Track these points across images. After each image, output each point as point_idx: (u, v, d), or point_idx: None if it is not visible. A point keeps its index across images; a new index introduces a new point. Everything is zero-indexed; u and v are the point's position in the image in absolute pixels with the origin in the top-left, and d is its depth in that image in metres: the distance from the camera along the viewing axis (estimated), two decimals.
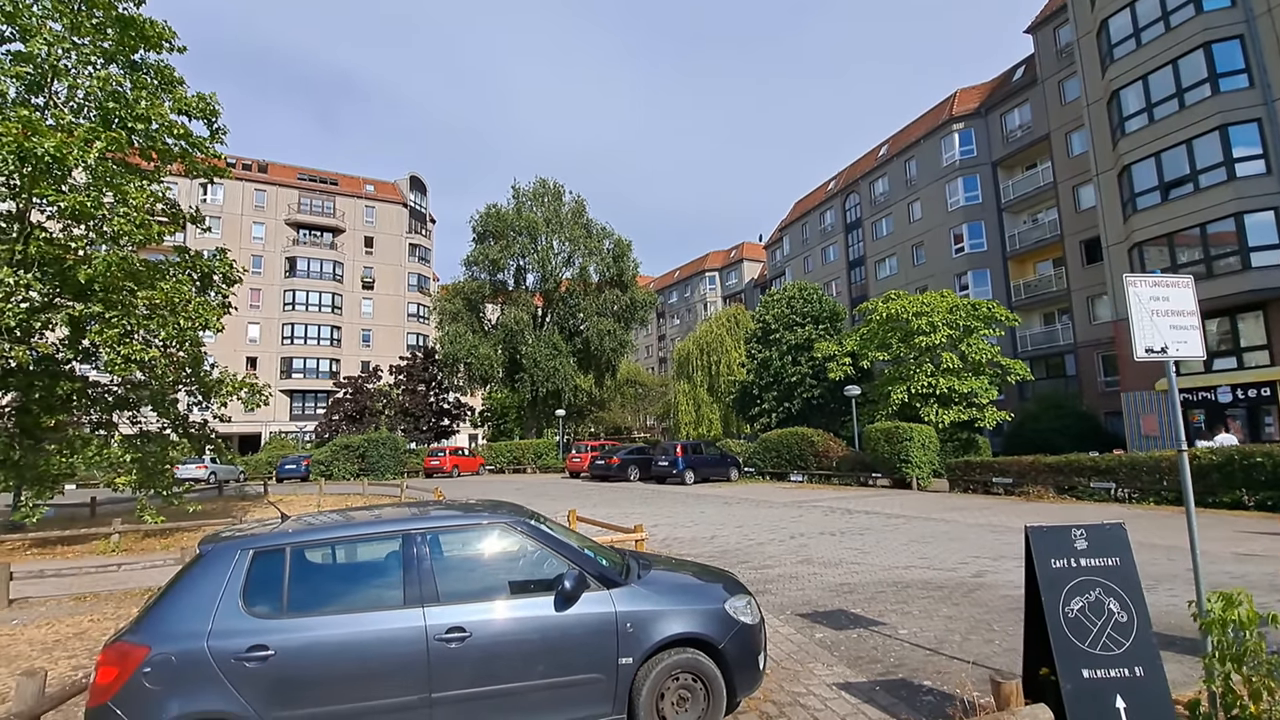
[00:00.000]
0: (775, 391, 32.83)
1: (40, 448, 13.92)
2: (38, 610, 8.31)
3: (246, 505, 20.71)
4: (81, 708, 4.74)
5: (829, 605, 7.18)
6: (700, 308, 70.39)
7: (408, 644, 3.52)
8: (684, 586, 4.40)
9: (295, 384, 54.39)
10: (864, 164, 45.96)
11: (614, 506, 17.28)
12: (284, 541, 3.69)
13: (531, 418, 45.02)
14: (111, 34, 13.91)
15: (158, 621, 3.36)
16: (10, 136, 11.55)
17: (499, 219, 42.18)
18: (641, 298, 45.19)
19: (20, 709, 3.94)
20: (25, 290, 12.11)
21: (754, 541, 11.70)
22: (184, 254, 15.95)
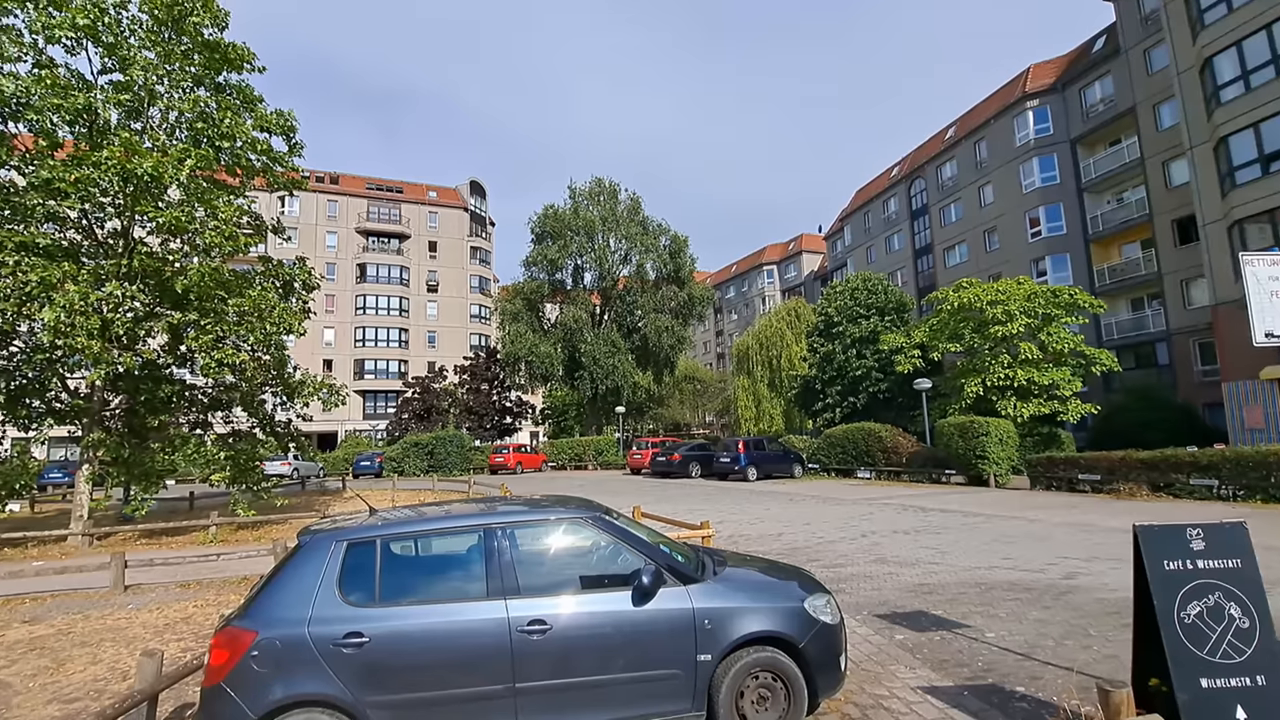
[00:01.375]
0: (839, 386, 31.99)
1: (146, 446, 15.08)
2: (149, 595, 8.99)
3: (327, 500, 21.82)
4: (192, 686, 5.10)
5: (908, 606, 6.93)
6: (758, 302, 69.37)
7: (492, 635, 3.60)
8: (761, 584, 4.33)
9: (367, 384, 56.85)
10: (929, 148, 44.13)
11: (677, 503, 17.26)
12: (374, 534, 3.84)
13: (591, 415, 45.51)
14: (198, 59, 14.87)
15: (264, 608, 3.56)
16: (114, 159, 12.54)
17: (556, 219, 42.78)
18: (698, 293, 44.93)
19: (142, 686, 4.25)
20: (131, 301, 13.14)
21: (824, 539, 11.43)
22: (267, 263, 16.92)
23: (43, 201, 13.17)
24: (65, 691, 5.51)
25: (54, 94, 12.86)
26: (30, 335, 14.20)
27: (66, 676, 5.87)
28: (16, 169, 13.61)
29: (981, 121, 38.06)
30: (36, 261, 12.41)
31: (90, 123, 13.74)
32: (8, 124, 13.47)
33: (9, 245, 12.48)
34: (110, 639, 6.96)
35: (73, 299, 11.97)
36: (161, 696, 4.57)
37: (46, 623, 7.69)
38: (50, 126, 13.44)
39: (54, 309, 11.78)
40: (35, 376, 14.76)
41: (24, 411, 14.78)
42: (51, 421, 14.98)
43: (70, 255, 13.82)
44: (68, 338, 12.10)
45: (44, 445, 18.46)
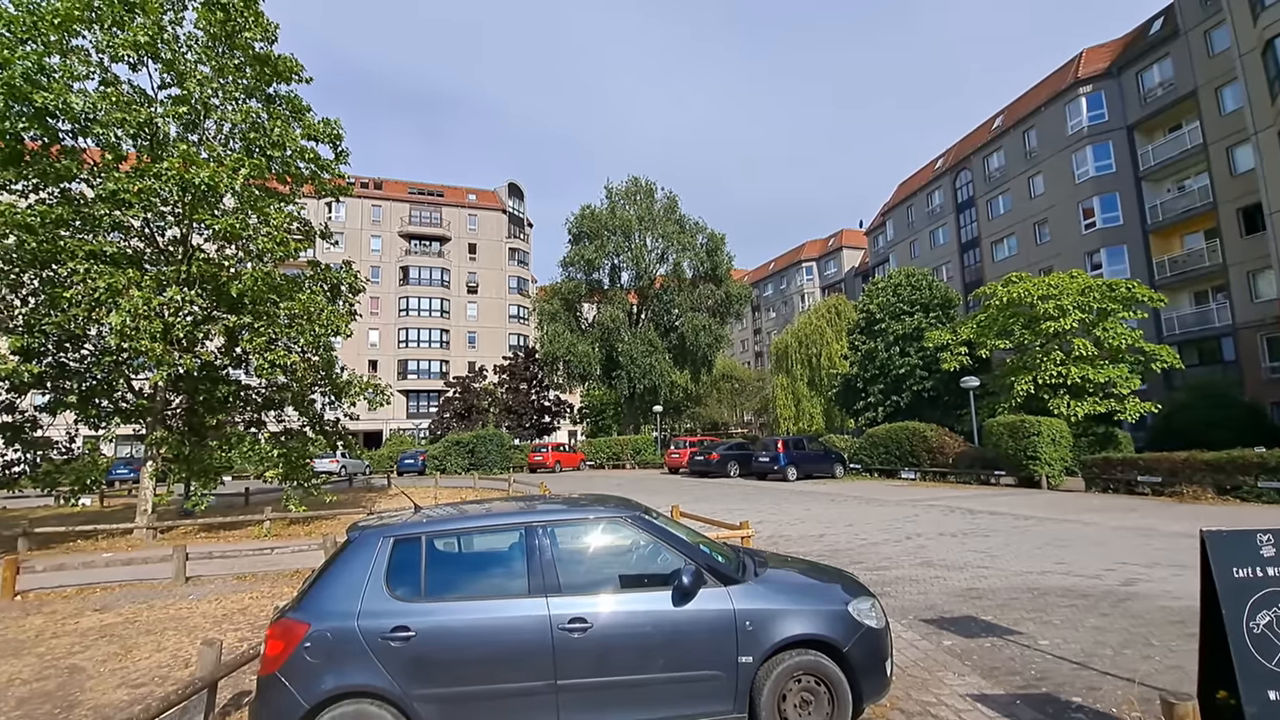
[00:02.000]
0: (882, 384, 31.32)
1: (205, 444, 15.76)
2: (208, 587, 9.39)
3: (374, 496, 22.45)
4: (249, 675, 5.31)
5: (956, 611, 6.74)
6: (797, 299, 68.43)
7: (533, 632, 3.64)
8: (803, 586, 4.27)
9: (410, 384, 58.20)
10: (976, 138, 42.79)
11: (716, 502, 17.16)
12: (420, 531, 3.93)
13: (629, 414, 45.65)
14: (250, 71, 15.44)
15: (315, 601, 3.68)
16: (174, 170, 13.13)
17: (593, 219, 43.01)
18: (736, 291, 44.58)
19: (203, 674, 4.45)
20: (190, 305, 13.74)
21: (866, 541, 11.21)
22: (316, 267, 17.47)
23: (109, 212, 13.89)
24: (133, 677, 5.80)
25: (118, 109, 13.53)
26: (99, 339, 14.99)
27: (133, 662, 6.18)
28: (86, 181, 14.39)
29: (1031, 109, 36.71)
30: (104, 269, 13.10)
31: (151, 136, 14.42)
32: (77, 139, 14.25)
33: (79, 254, 13.21)
34: (173, 628, 7.30)
35: (137, 304, 12.59)
36: (220, 684, 4.78)
37: (115, 611, 8.12)
38: (115, 140, 14.15)
39: (120, 314, 12.41)
40: (104, 378, 15.59)
41: (94, 411, 15.62)
42: (119, 420, 15.80)
43: (134, 262, 14.53)
44: (133, 341, 12.73)
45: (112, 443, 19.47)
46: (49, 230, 13.31)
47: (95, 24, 13.73)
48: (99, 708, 5.10)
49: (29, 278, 14.40)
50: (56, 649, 6.65)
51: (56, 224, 13.46)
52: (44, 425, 15.88)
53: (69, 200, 14.20)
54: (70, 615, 7.99)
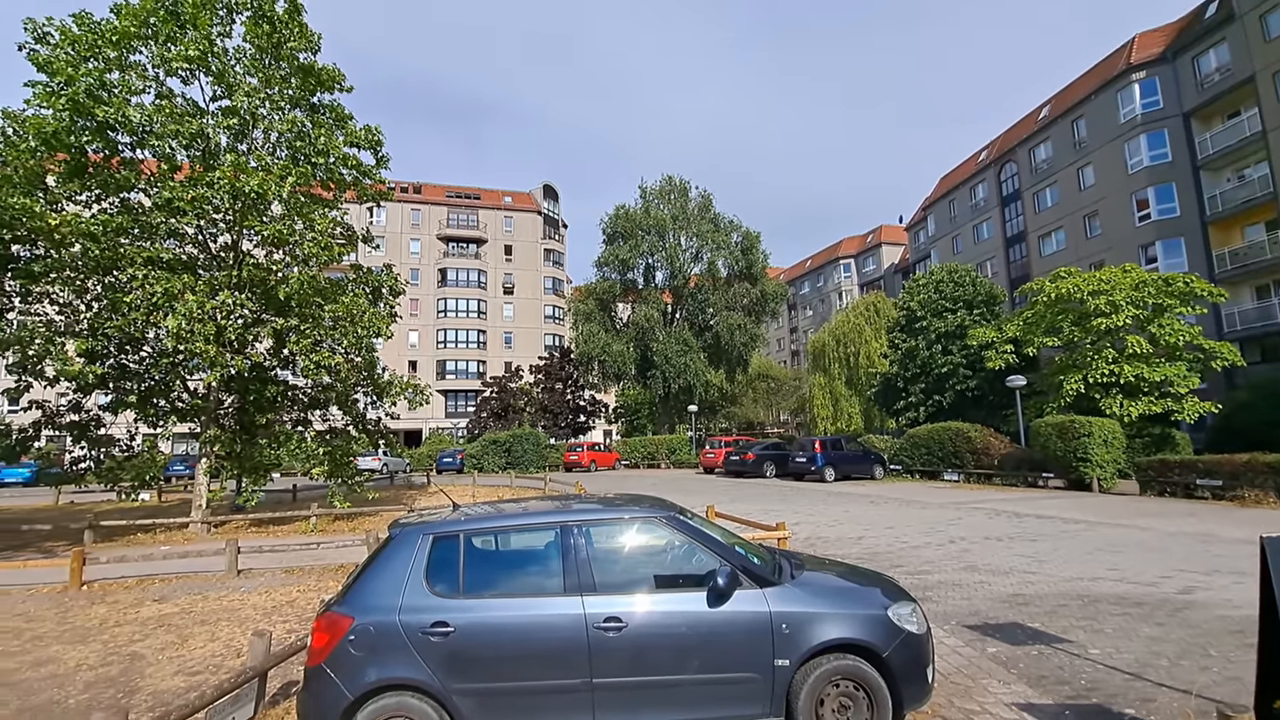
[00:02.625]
0: (923, 383, 30.57)
1: (255, 442, 16.35)
2: (258, 580, 9.74)
3: (414, 494, 22.96)
4: (296, 665, 5.49)
5: (1001, 617, 6.54)
6: (835, 297, 67.36)
7: (569, 630, 3.68)
8: (841, 589, 4.21)
9: (449, 384, 59.28)
10: (1021, 129, 41.43)
11: (752, 503, 17.02)
12: (458, 528, 4.00)
13: (664, 414, 45.63)
14: (295, 82, 15.95)
15: (359, 595, 3.79)
16: (225, 179, 13.66)
17: (627, 219, 43.11)
18: (772, 290, 44.13)
19: (254, 663, 4.62)
20: (240, 308, 14.27)
21: (907, 544, 10.97)
22: (358, 271, 17.95)
23: (165, 219, 14.53)
24: (189, 664, 6.06)
25: (173, 121, 14.15)
26: (156, 341, 15.68)
27: (189, 651, 6.45)
28: (143, 191, 15.09)
29: (1080, 98, 35.34)
30: (161, 274, 13.70)
31: (203, 146, 15.03)
32: (135, 150, 14.95)
33: (138, 260, 13.85)
34: (226, 618, 7.60)
35: (191, 308, 13.14)
36: (270, 674, 4.95)
37: (172, 602, 8.49)
38: (170, 151, 14.78)
39: (176, 317, 12.97)
40: (161, 379, 16.31)
41: (152, 410, 16.36)
42: (175, 419, 16.51)
43: (188, 268, 15.17)
44: (188, 343, 13.28)
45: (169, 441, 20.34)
46: (110, 238, 13.99)
47: (151, 40, 14.38)
48: (158, 693, 5.34)
49: (93, 284, 15.17)
50: (119, 637, 6.99)
51: (117, 232, 14.13)
52: (107, 424, 16.71)
53: (128, 209, 14.89)
54: (131, 605, 8.38)
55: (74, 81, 13.19)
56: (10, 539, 14.19)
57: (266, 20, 15.02)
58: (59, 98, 13.26)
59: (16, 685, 5.64)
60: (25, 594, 9.17)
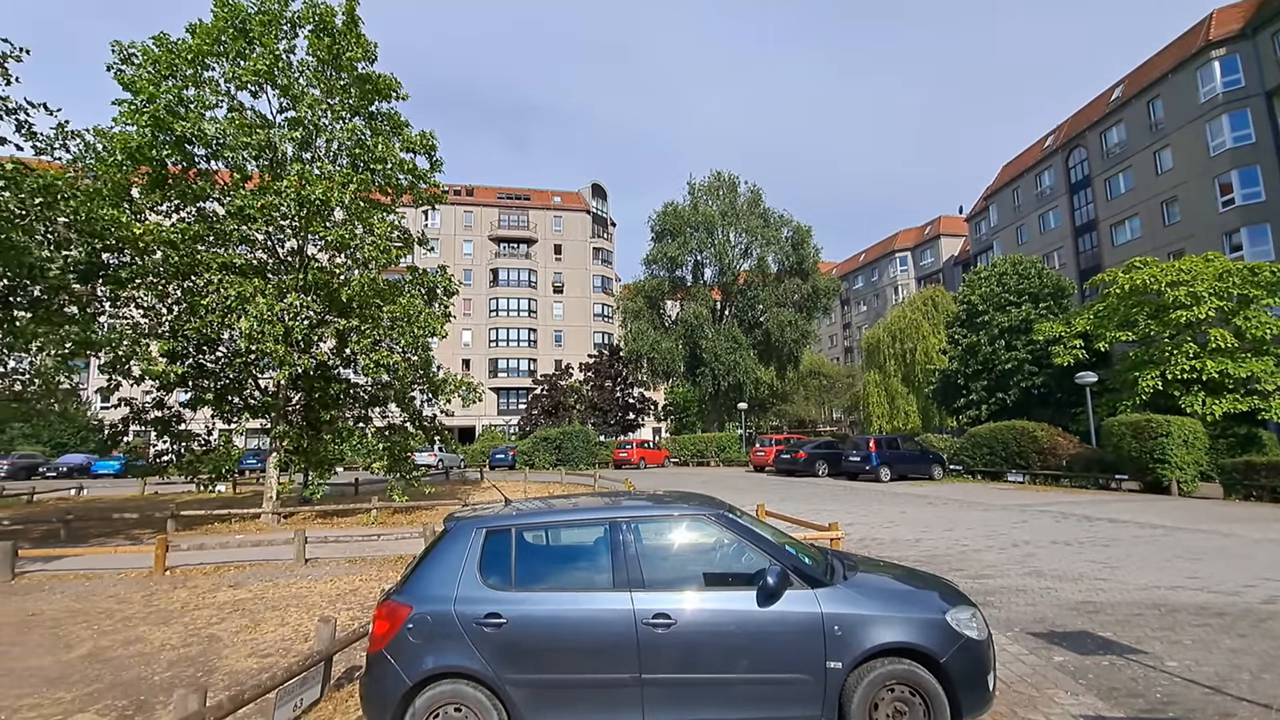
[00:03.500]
0: (985, 380, 29.40)
1: (320, 437, 17.10)
2: (324, 569, 10.19)
3: (468, 489, 23.56)
4: (359, 650, 5.73)
5: (1069, 625, 6.24)
6: (890, 292, 65.48)
7: (619, 625, 3.71)
8: (897, 592, 4.10)
9: (501, 382, 60.53)
10: (1091, 111, 39.28)
11: (803, 502, 16.74)
12: (510, 523, 4.09)
13: (713, 411, 45.36)
14: (354, 91, 16.58)
15: (417, 585, 3.92)
16: (292, 187, 14.34)
17: (675, 216, 42.98)
18: (824, 285, 43.23)
19: (320, 648, 4.84)
20: (306, 310, 14.95)
21: (968, 547, 10.58)
22: (414, 272, 18.53)
23: (237, 227, 15.35)
24: (261, 647, 6.41)
25: (243, 133, 14.93)
26: (230, 342, 16.60)
27: (261, 634, 6.81)
28: (217, 200, 15.98)
29: (1155, 77, 33.26)
30: (234, 279, 14.50)
31: (271, 156, 15.80)
32: (210, 162, 15.84)
33: (214, 265, 14.69)
34: (294, 605, 7.99)
35: (262, 310, 13.85)
36: (335, 658, 5.18)
37: (246, 588, 8.98)
38: (241, 161, 15.61)
39: (248, 319, 13.71)
40: (235, 377, 17.26)
41: (227, 407, 17.34)
42: (248, 415, 17.45)
43: (259, 272, 15.98)
44: (259, 343, 14.01)
45: (243, 436, 21.51)
46: (188, 245, 14.88)
47: (222, 56, 15.21)
48: (233, 673, 5.66)
49: (173, 288, 16.17)
50: (198, 620, 7.44)
51: (194, 239, 15.03)
52: (187, 420, 17.81)
53: (204, 218, 15.81)
54: (209, 590, 8.92)
55: (155, 99, 14.08)
56: (103, 526, 15.30)
57: (327, 33, 15.66)
58: (142, 115, 14.19)
59: (109, 661, 6.08)
60: (116, 578, 9.88)
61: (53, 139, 13.65)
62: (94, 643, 6.66)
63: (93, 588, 9.25)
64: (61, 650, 6.45)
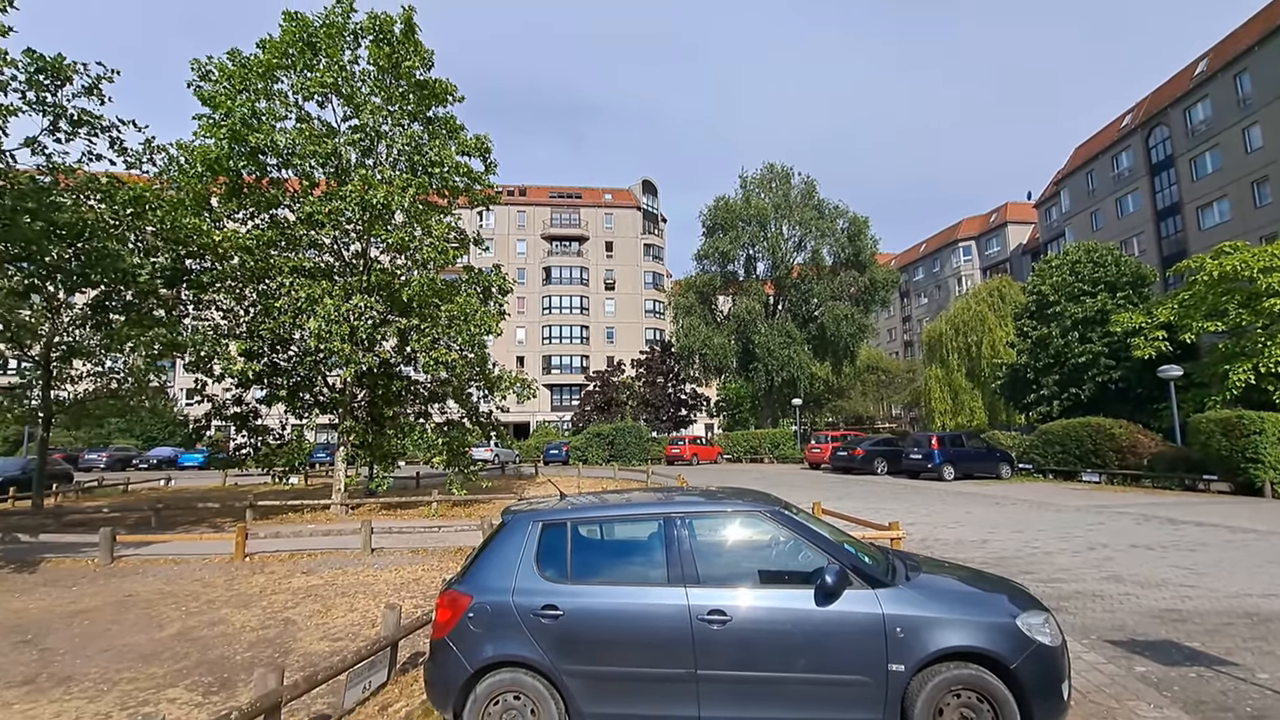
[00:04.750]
0: (1057, 375, 27.91)
1: (384, 432, 17.78)
2: (389, 558, 10.61)
3: (523, 484, 24.03)
4: (422, 637, 5.94)
5: (1151, 634, 5.88)
6: (953, 283, 62.98)
7: (673, 620, 3.71)
8: (963, 594, 3.96)
9: (554, 379, 61.44)
10: (1173, 87, 36.67)
11: (861, 501, 16.34)
12: (566, 516, 4.16)
13: (766, 407, 44.78)
14: (413, 98, 17.10)
15: (477, 576, 4.04)
16: (355, 193, 14.93)
17: (727, 210, 42.57)
18: (882, 277, 42.01)
19: (386, 634, 5.04)
20: (370, 310, 15.54)
21: (1039, 550, 10.10)
22: (470, 272, 19.01)
23: (306, 232, 16.10)
24: (332, 631, 6.72)
25: (311, 142, 15.64)
26: (301, 341, 17.45)
27: (332, 619, 7.15)
28: (288, 207, 16.80)
29: (1243, 49, 30.74)
30: (303, 281, 15.22)
31: (336, 164, 16.49)
32: (281, 171, 16.66)
33: (285, 269, 15.46)
34: (362, 592, 8.35)
35: (330, 311, 14.50)
36: (400, 644, 5.39)
37: (318, 575, 9.44)
38: (310, 169, 16.36)
39: (317, 319, 14.38)
40: (305, 375, 18.16)
41: (298, 403, 18.26)
42: (318, 411, 18.32)
43: (326, 274, 16.72)
44: (327, 342, 14.68)
45: (313, 431, 22.59)
46: (262, 250, 15.71)
47: (290, 69, 15.95)
48: (307, 655, 5.97)
49: (249, 291, 17.13)
50: (275, 604, 7.87)
51: (268, 245, 15.85)
52: (263, 415, 18.84)
53: (276, 224, 16.65)
54: (284, 576, 9.41)
55: (231, 112, 14.91)
56: (188, 514, 16.36)
57: (386, 42, 16.20)
58: (220, 128, 15.06)
59: (196, 640, 6.51)
60: (201, 562, 10.55)
61: (141, 154, 14.68)
62: (182, 623, 7.14)
63: (181, 572, 9.91)
64: (154, 629, 6.94)
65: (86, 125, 13.23)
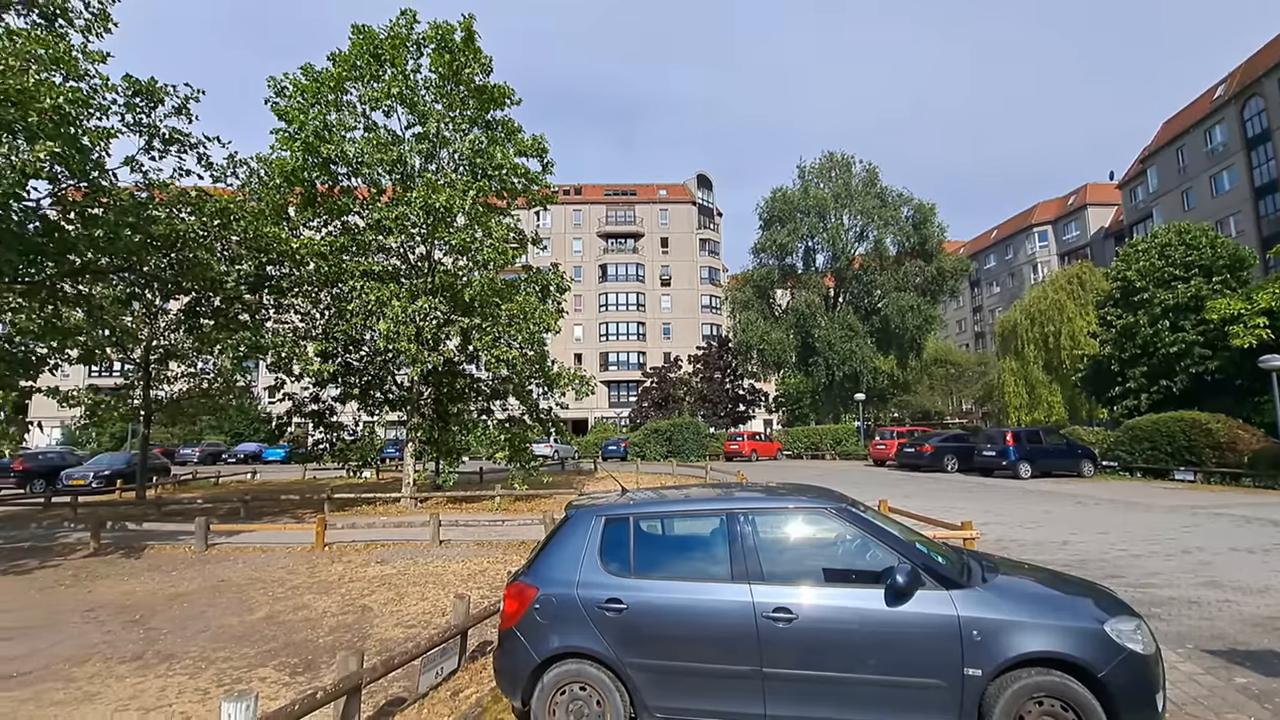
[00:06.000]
0: (1145, 366, 26.09)
1: (448, 429, 18.38)
2: (455, 550, 10.97)
3: (583, 479, 24.36)
4: (489, 627, 6.12)
5: (1253, 643, 5.44)
6: (1027, 270, 59.84)
7: (738, 617, 3.69)
8: (1045, 597, 3.77)
9: (611, 375, 61.99)
10: (1269, 54, 33.60)
11: (930, 499, 15.76)
12: (628, 511, 4.19)
13: (827, 402, 43.78)
14: (472, 103, 17.56)
15: (542, 568, 4.13)
16: (420, 198, 15.47)
17: (785, 202, 41.81)
18: (950, 266, 40.38)
19: (457, 622, 5.22)
20: (434, 311, 16.07)
21: (1126, 552, 9.49)
22: (529, 271, 19.39)
23: (375, 237, 16.80)
24: (405, 618, 7.01)
25: (378, 151, 16.29)
26: (371, 342, 18.24)
27: (405, 607, 7.46)
28: (358, 214, 17.58)
29: None
30: (373, 284, 15.90)
31: (401, 170, 17.12)
32: (351, 179, 17.44)
33: (356, 273, 16.19)
34: (432, 582, 8.67)
35: (397, 312, 15.09)
36: (469, 632, 5.57)
37: (391, 564, 9.86)
38: (376, 177, 17.05)
39: (386, 321, 15.00)
40: (376, 374, 18.97)
41: (370, 401, 19.11)
42: (387, 408, 19.11)
43: (394, 277, 17.41)
44: (395, 342, 15.29)
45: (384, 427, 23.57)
46: (335, 256, 16.51)
47: (358, 80, 16.66)
48: (383, 641, 6.25)
49: (323, 295, 18.04)
50: (352, 591, 8.28)
51: (340, 250, 16.64)
52: (337, 412, 19.82)
53: (347, 230, 17.45)
54: (360, 565, 9.88)
55: (305, 126, 15.71)
56: (272, 506, 17.38)
57: (447, 50, 16.68)
58: (295, 141, 15.89)
59: (282, 624, 6.92)
60: (285, 551, 11.20)
61: (225, 168, 15.67)
62: (270, 607, 7.61)
63: (267, 560, 10.55)
64: (245, 612, 7.42)
65: (177, 143, 14.22)
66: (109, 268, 14.00)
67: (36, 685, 5.34)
